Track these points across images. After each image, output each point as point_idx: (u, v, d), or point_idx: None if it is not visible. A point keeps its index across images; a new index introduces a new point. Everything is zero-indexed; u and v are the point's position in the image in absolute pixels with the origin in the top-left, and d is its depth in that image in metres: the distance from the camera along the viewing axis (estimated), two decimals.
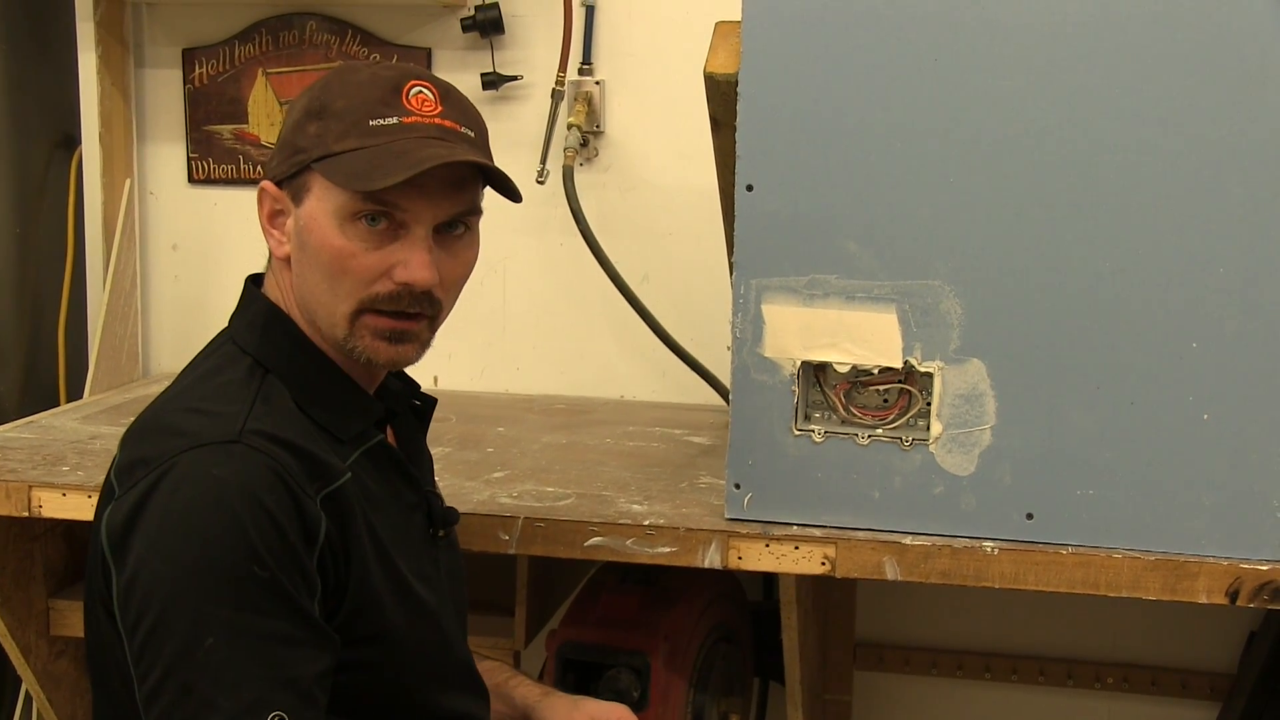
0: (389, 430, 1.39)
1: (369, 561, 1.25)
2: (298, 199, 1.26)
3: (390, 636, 1.27)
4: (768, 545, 1.59)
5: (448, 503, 1.45)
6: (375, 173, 1.21)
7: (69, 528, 1.96)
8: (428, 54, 2.41)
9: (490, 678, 1.54)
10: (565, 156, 2.30)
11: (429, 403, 1.47)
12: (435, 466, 1.51)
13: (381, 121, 1.24)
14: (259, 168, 2.48)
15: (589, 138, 2.36)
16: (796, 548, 1.59)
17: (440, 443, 2.03)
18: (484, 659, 1.58)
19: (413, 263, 1.24)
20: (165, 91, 2.51)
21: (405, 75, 1.28)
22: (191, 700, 1.11)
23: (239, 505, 1.14)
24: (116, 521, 1.17)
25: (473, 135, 1.29)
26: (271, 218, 1.29)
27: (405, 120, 1.24)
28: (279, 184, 1.28)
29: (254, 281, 1.37)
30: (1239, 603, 1.51)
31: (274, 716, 1.13)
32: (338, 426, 1.28)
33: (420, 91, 1.26)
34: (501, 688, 1.54)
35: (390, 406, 1.38)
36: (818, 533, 1.59)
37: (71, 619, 1.93)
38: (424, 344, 1.31)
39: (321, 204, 1.24)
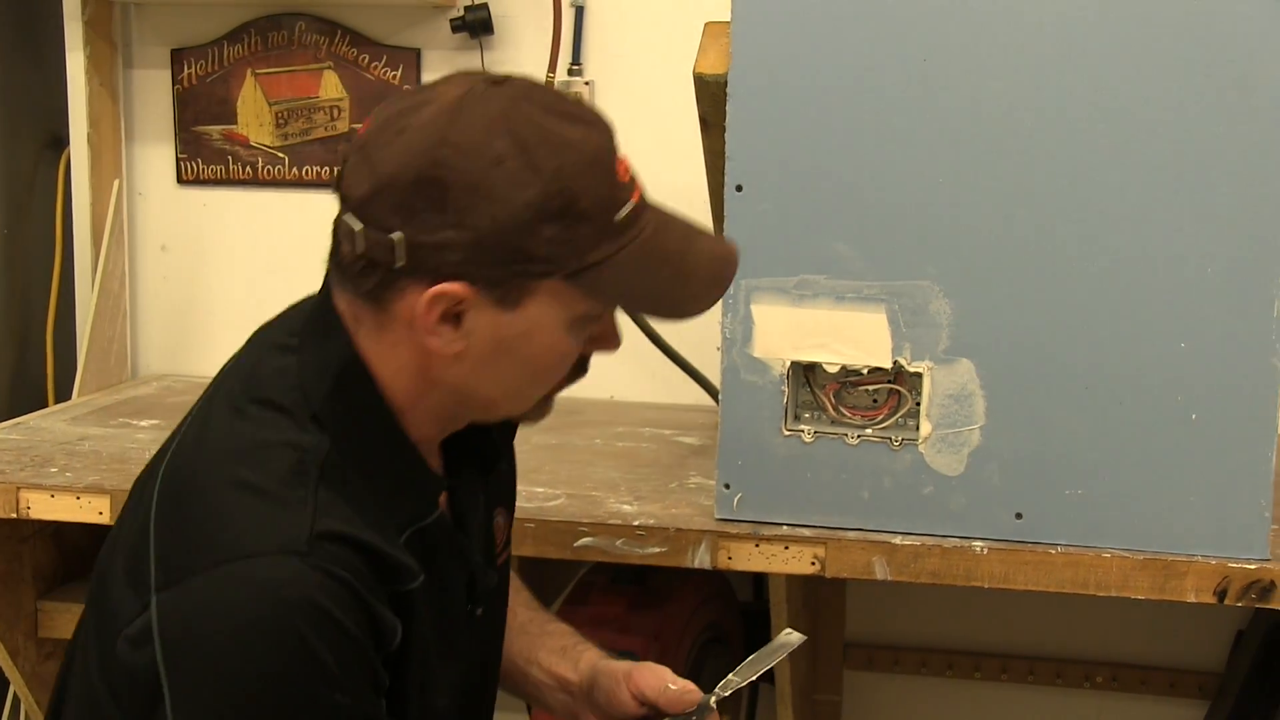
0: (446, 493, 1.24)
1: (412, 659, 1.16)
2: (508, 303, 1.09)
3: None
4: (757, 545, 1.59)
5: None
6: (673, 295, 1.15)
7: (58, 529, 1.95)
8: (417, 54, 2.40)
9: (559, 640, 1.45)
10: None
11: (491, 451, 1.31)
12: None
13: (622, 214, 1.10)
14: (248, 168, 2.48)
15: None
16: (786, 548, 1.59)
17: None
18: (551, 621, 1.49)
19: (613, 340, 1.22)
20: (154, 92, 2.51)
21: (609, 136, 1.12)
22: None
23: (314, 633, 1.02)
24: (172, 624, 1.04)
25: None
26: (447, 317, 1.09)
27: (635, 200, 1.11)
28: (472, 283, 1.07)
29: (328, 307, 1.14)
30: (1227, 601, 1.51)
31: None
32: (393, 508, 1.13)
33: (621, 155, 1.12)
34: (569, 651, 1.43)
35: (450, 472, 1.25)
36: (807, 533, 1.59)
37: (60, 621, 1.93)
38: None
39: (555, 311, 1.11)
